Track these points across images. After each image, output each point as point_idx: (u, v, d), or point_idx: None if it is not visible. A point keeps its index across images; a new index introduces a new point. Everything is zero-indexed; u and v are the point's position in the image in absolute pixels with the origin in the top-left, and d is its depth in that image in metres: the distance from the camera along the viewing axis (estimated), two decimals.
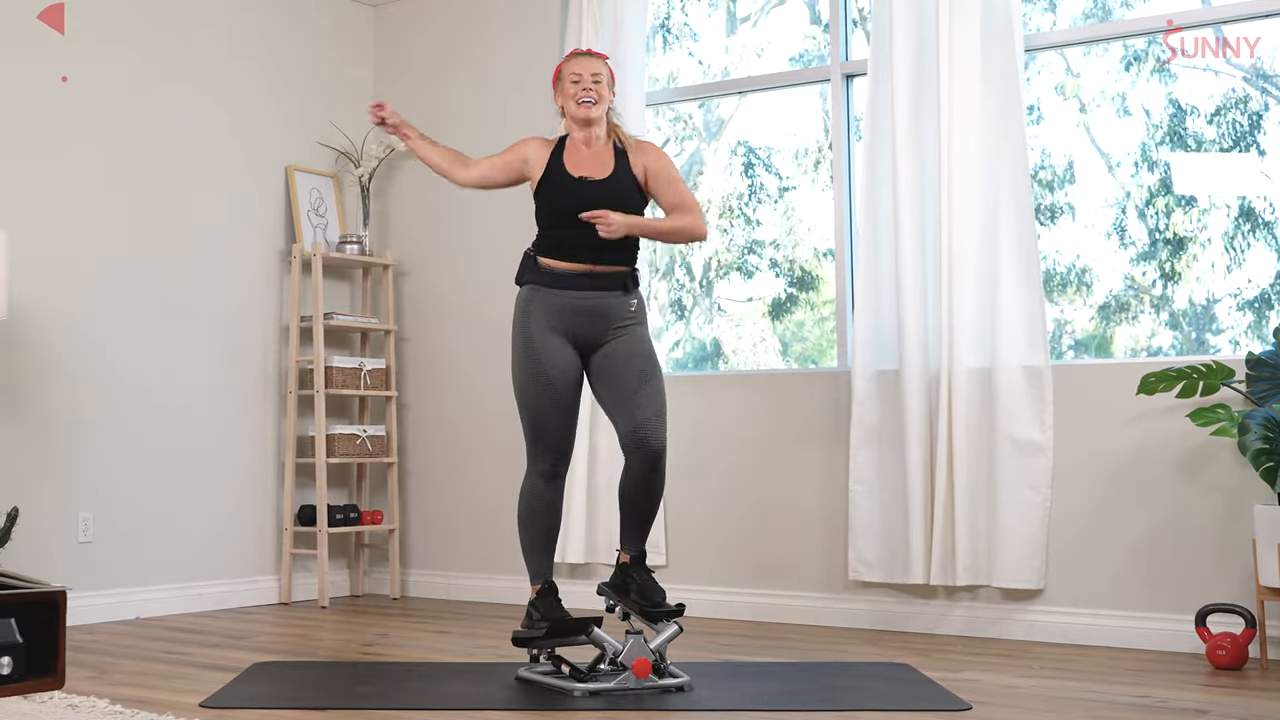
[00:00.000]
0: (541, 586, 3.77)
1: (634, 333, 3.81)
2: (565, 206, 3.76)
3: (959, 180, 4.64)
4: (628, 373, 3.75)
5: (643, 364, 3.77)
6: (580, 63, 3.86)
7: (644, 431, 3.71)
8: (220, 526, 5.51)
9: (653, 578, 3.78)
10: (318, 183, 5.98)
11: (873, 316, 4.84)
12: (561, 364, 3.75)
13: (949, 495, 4.60)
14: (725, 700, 3.50)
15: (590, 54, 3.91)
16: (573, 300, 3.76)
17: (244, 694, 3.58)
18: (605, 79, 3.84)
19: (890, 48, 4.81)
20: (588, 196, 3.75)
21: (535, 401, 3.77)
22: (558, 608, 3.72)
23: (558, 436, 3.78)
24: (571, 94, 3.82)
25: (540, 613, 3.70)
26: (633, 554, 3.81)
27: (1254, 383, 4.09)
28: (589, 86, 3.80)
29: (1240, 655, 3.94)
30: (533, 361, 3.77)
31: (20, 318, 4.81)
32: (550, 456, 3.80)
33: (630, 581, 3.76)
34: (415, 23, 6.20)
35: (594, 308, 3.77)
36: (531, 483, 3.83)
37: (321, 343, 5.67)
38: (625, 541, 3.84)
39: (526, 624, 3.75)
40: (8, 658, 3.61)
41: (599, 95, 3.81)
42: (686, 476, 5.10)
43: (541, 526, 3.82)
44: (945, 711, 3.34)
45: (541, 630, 3.65)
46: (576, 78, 3.82)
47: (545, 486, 3.81)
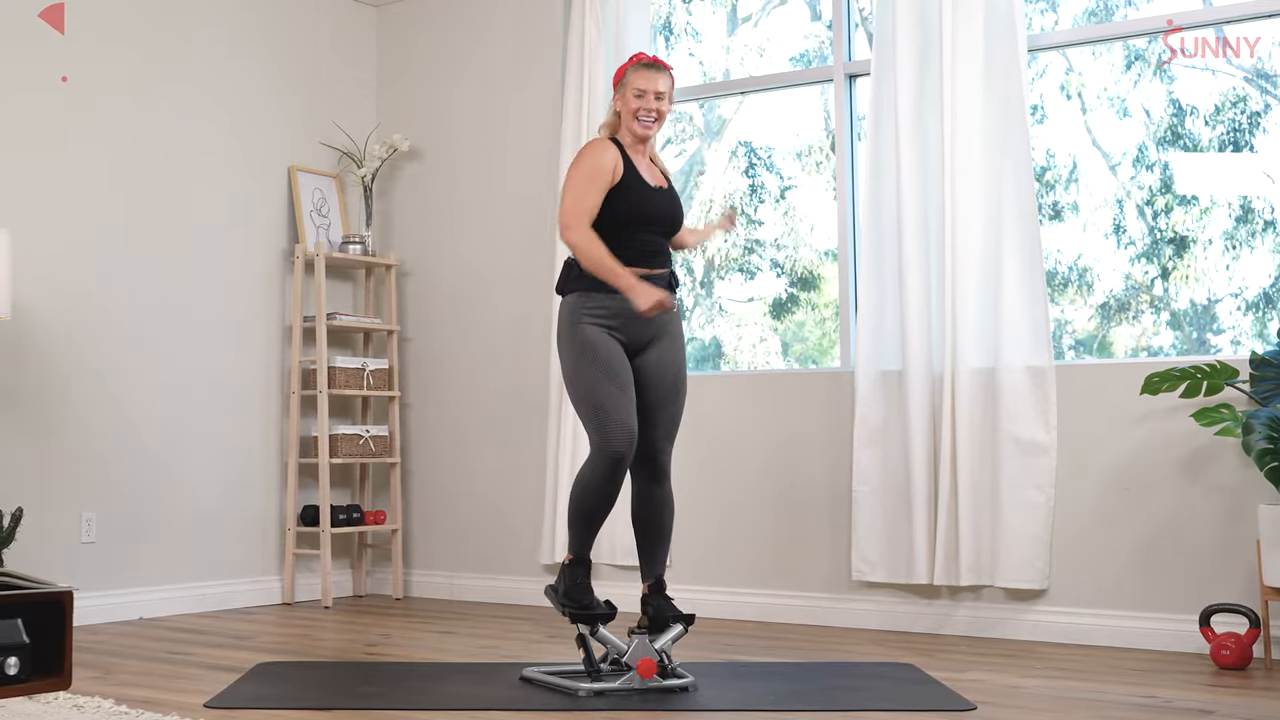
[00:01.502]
0: (574, 557, 3.77)
1: (674, 339, 3.85)
2: (647, 212, 3.77)
3: (962, 180, 4.64)
4: (660, 385, 3.79)
5: (673, 379, 3.82)
6: (647, 77, 3.78)
7: (653, 449, 3.80)
8: (223, 527, 5.51)
9: (670, 601, 3.80)
10: (320, 183, 5.98)
11: (876, 316, 4.84)
12: (615, 351, 3.72)
13: (952, 495, 4.60)
14: (730, 700, 3.50)
15: (656, 65, 3.82)
16: (620, 302, 3.70)
17: (249, 694, 3.58)
18: (668, 94, 3.80)
19: (893, 48, 4.81)
20: (659, 205, 3.80)
21: (595, 384, 3.66)
22: (585, 589, 3.71)
23: (622, 413, 3.65)
24: (634, 109, 3.77)
25: (567, 584, 3.72)
26: (650, 582, 3.83)
27: (1258, 383, 4.08)
28: (651, 107, 3.77)
29: (1244, 655, 3.94)
30: (587, 351, 3.70)
31: (23, 318, 4.81)
32: (619, 438, 3.62)
33: (647, 608, 3.79)
34: (417, 23, 6.20)
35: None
36: (593, 466, 3.66)
37: (324, 343, 5.66)
38: (642, 570, 3.87)
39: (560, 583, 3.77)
40: (14, 658, 3.60)
41: (660, 113, 3.79)
42: (690, 477, 5.09)
43: (590, 511, 3.71)
44: (950, 712, 3.34)
45: (568, 609, 3.69)
46: (640, 93, 3.77)
47: (609, 470, 3.64)
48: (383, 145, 6.01)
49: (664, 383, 3.80)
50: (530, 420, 5.67)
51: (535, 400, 5.65)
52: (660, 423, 3.80)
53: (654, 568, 3.85)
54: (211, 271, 5.53)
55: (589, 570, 3.76)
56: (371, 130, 6.15)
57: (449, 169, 6.04)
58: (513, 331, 5.80)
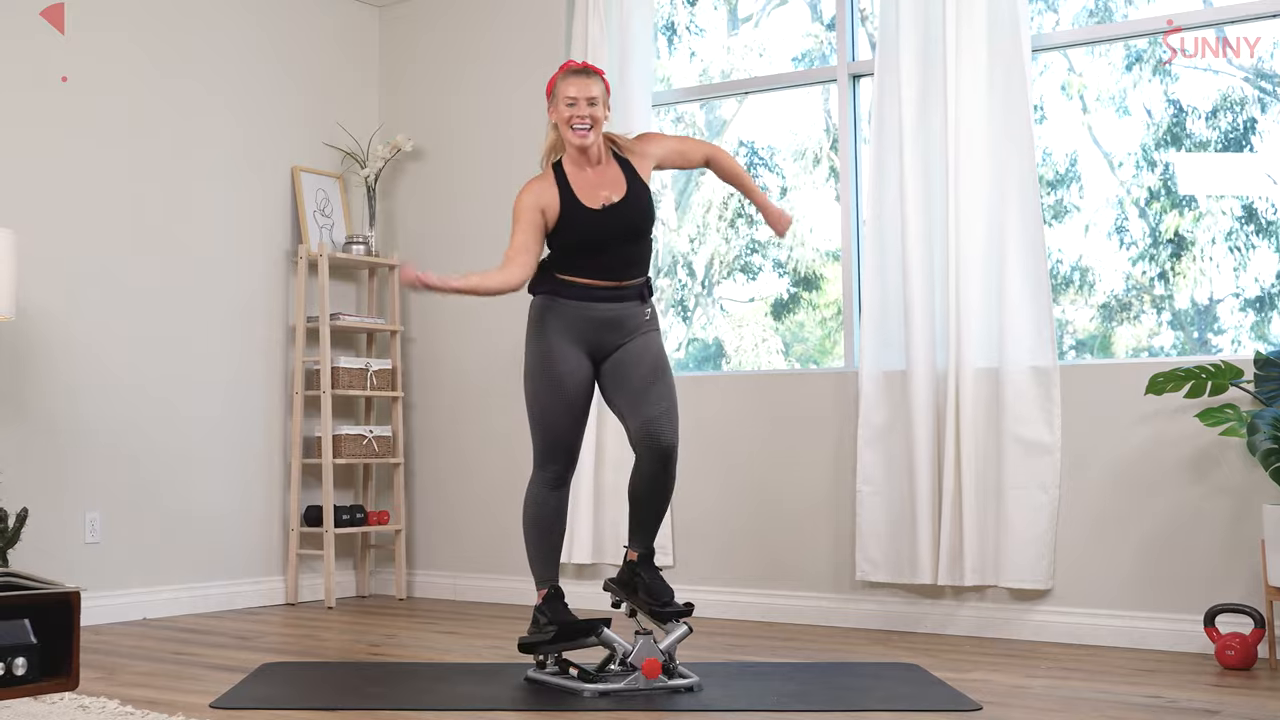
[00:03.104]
0: (548, 591, 3.75)
1: (646, 337, 3.79)
2: (588, 239, 3.70)
3: (966, 180, 4.64)
4: (637, 372, 3.74)
5: (653, 362, 3.76)
6: (574, 84, 3.66)
7: (655, 428, 3.69)
8: (227, 527, 5.51)
9: (661, 577, 3.77)
10: (323, 183, 5.98)
11: (879, 317, 4.84)
12: (574, 368, 3.74)
13: (956, 495, 4.60)
14: (735, 701, 3.50)
15: (585, 70, 3.72)
16: (589, 311, 3.73)
17: (254, 694, 3.58)
18: (601, 98, 3.67)
19: (897, 48, 4.81)
20: (601, 228, 3.68)
21: (545, 401, 3.76)
22: (565, 611, 3.71)
23: (565, 440, 3.77)
24: (566, 118, 3.67)
25: (547, 617, 3.70)
26: (641, 552, 3.80)
27: (1262, 383, 4.08)
28: (584, 114, 3.66)
29: (1249, 655, 3.94)
30: (544, 362, 3.76)
31: (27, 319, 4.81)
32: (558, 462, 3.78)
33: (638, 580, 3.75)
34: (420, 23, 6.20)
35: (610, 319, 3.75)
36: (537, 489, 3.82)
37: (328, 343, 5.66)
38: (634, 539, 3.82)
39: (533, 629, 3.74)
40: (22, 658, 3.61)
41: (594, 119, 3.67)
42: (694, 477, 5.09)
43: (547, 532, 3.81)
44: (956, 712, 3.34)
45: (550, 634, 3.65)
46: (571, 101, 3.64)
47: (550, 493, 3.81)
48: (386, 145, 6.01)
49: (643, 364, 3.74)
50: None
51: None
52: (654, 400, 3.70)
53: (647, 538, 3.79)
54: (215, 272, 5.53)
55: (564, 600, 3.74)
56: (375, 130, 6.16)
57: (452, 169, 6.04)
58: (516, 332, 5.75)
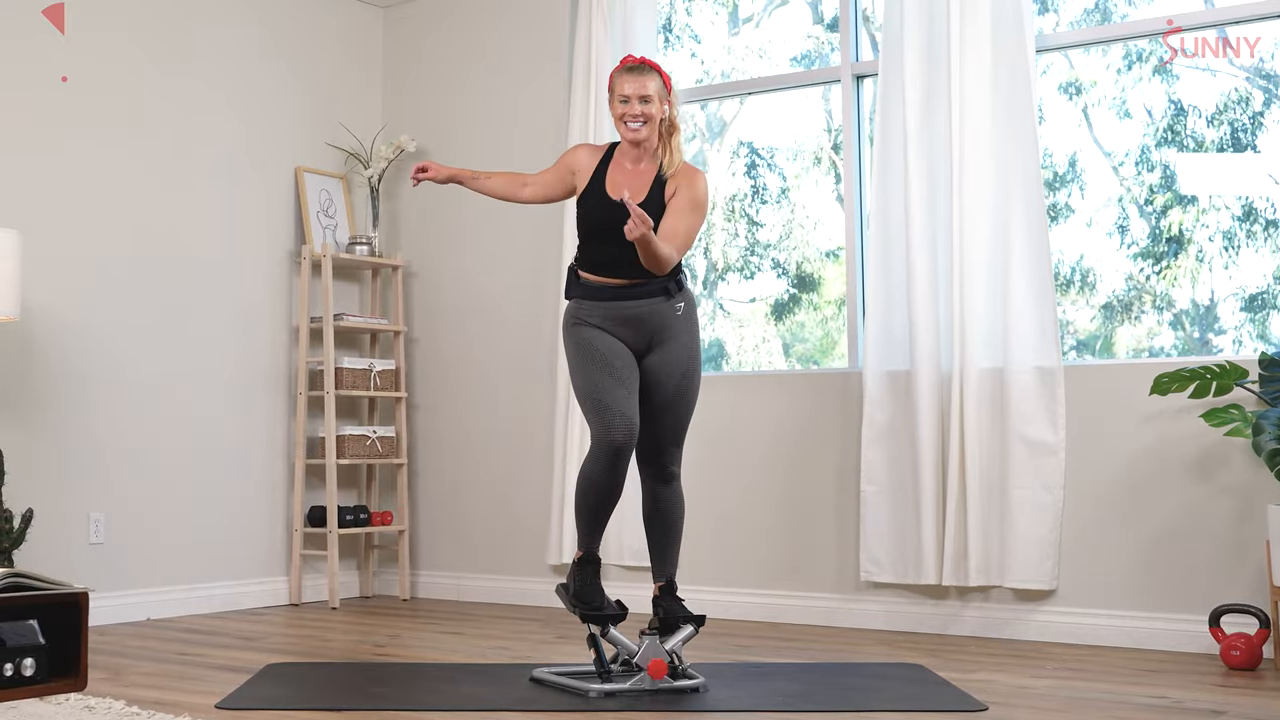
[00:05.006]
0: (582, 555, 3.74)
1: (678, 342, 3.78)
2: (593, 223, 3.76)
3: (970, 180, 4.64)
4: (661, 392, 3.77)
5: (680, 380, 3.77)
6: (629, 82, 3.71)
7: (658, 449, 3.79)
8: (230, 527, 5.51)
9: (681, 603, 3.79)
10: (327, 184, 5.98)
11: (884, 317, 4.84)
12: (613, 344, 3.72)
13: (961, 496, 4.60)
14: (740, 701, 3.50)
15: (641, 66, 3.75)
16: (615, 310, 3.73)
17: (259, 695, 3.58)
18: (656, 95, 3.71)
19: (901, 49, 4.81)
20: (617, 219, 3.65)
21: (592, 377, 3.67)
22: (589, 586, 3.68)
23: (619, 404, 3.63)
24: (619, 114, 3.74)
25: (576, 585, 3.69)
26: (662, 584, 3.83)
27: (1267, 383, 4.08)
28: (637, 112, 3.70)
29: (1254, 656, 3.94)
30: (583, 347, 3.72)
31: (31, 319, 4.81)
32: (618, 429, 3.60)
33: (658, 609, 3.79)
34: (424, 23, 6.20)
35: (638, 315, 3.75)
36: (594, 458, 3.66)
37: (331, 344, 5.66)
38: (653, 570, 3.87)
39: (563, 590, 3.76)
40: (31, 659, 3.61)
41: (648, 116, 3.71)
42: (698, 477, 5.09)
43: (595, 504, 3.70)
44: (961, 712, 3.34)
45: (578, 610, 3.67)
46: (625, 99, 3.71)
47: (609, 461, 3.63)
48: (389, 146, 6.01)
49: (668, 386, 3.77)
50: (537, 420, 5.67)
51: (542, 401, 5.65)
52: (665, 425, 3.79)
53: (665, 568, 3.84)
54: (218, 272, 5.53)
55: (599, 569, 3.74)
56: (378, 131, 6.16)
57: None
58: (520, 332, 5.81)
